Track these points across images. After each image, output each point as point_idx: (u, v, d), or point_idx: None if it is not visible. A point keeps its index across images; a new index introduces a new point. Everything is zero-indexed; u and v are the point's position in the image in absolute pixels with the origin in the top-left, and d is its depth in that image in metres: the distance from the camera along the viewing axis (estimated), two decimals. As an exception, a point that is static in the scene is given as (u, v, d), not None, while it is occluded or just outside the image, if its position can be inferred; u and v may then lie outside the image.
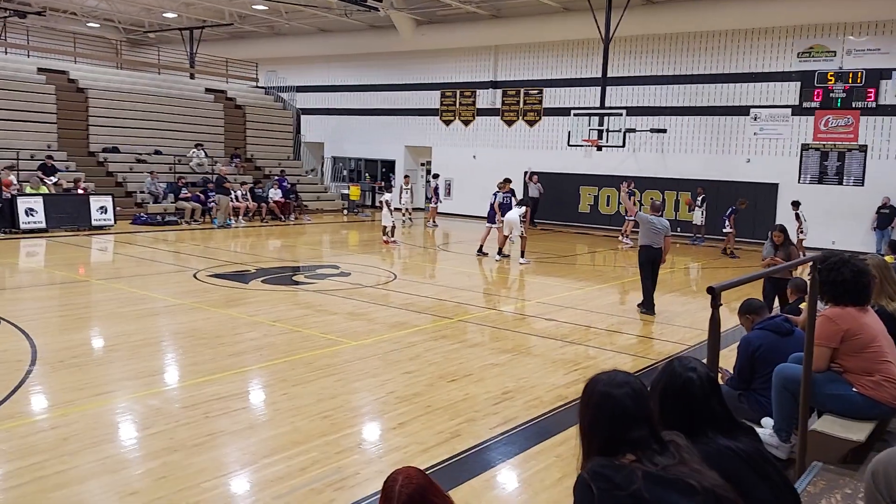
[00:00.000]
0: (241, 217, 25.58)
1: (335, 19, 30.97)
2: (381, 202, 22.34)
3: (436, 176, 28.69)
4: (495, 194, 19.47)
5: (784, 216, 23.58)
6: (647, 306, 12.60)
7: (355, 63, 35.05)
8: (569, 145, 25.84)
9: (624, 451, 2.66)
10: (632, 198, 20.89)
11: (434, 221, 27.46)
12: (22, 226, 20.48)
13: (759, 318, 6.53)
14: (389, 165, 34.75)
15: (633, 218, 21.39)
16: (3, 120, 24.41)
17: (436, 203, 28.17)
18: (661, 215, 12.82)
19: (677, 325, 11.91)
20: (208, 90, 32.37)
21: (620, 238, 23.84)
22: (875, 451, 5.27)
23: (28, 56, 30.35)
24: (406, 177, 29.14)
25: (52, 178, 22.62)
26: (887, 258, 10.65)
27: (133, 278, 14.71)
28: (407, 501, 2.80)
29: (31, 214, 20.76)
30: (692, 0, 24.47)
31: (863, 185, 22.90)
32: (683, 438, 2.84)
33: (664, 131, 25.73)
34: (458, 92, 31.86)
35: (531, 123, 29.85)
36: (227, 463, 5.97)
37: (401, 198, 27.29)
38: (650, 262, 12.50)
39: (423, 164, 34.19)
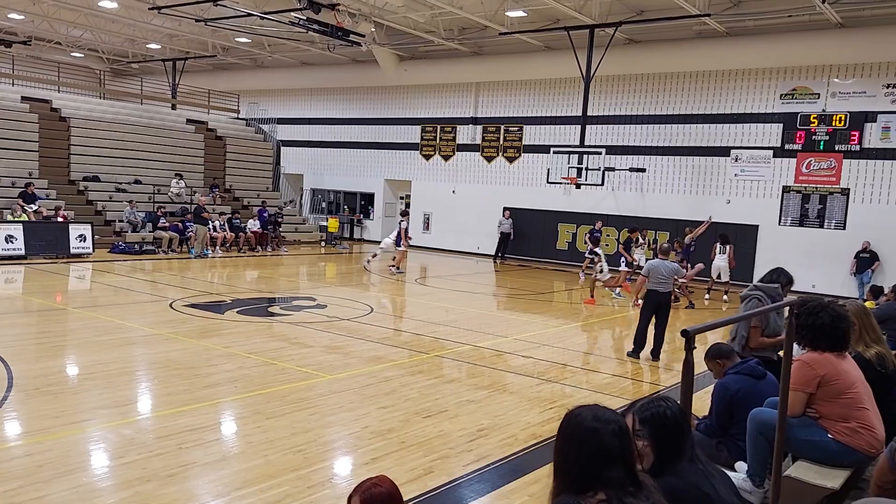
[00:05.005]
0: (218, 247, 25.56)
1: (318, 53, 31.21)
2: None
3: (405, 213, 24.77)
4: None
5: (763, 257, 23.86)
6: (636, 352, 12.23)
7: (337, 96, 35.32)
8: (548, 182, 26.00)
9: (596, 490, 2.60)
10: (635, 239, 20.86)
11: (398, 267, 23.09)
12: (1, 252, 20.44)
13: (731, 362, 6.42)
14: (369, 198, 34.91)
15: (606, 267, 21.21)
16: (-14, 146, 24.46)
17: (403, 246, 22.99)
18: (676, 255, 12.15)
19: (653, 365, 11.98)
20: (189, 121, 32.50)
21: (599, 276, 21.08)
22: (850, 499, 5.30)
23: (12, 84, 30.37)
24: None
25: (32, 205, 22.59)
26: (867, 304, 10.76)
27: (110, 307, 14.69)
28: (369, 499, 3.16)
29: (11, 241, 20.70)
30: (674, 40, 24.62)
31: (844, 229, 22.74)
32: (651, 480, 2.82)
33: (643, 170, 25.77)
34: (438, 127, 32.08)
35: (511, 160, 30.05)
36: (200, 494, 6.00)
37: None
38: (655, 307, 12.04)
39: (402, 198, 34.32)
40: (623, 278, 20.69)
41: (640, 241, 21.98)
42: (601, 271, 19.12)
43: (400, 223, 22.97)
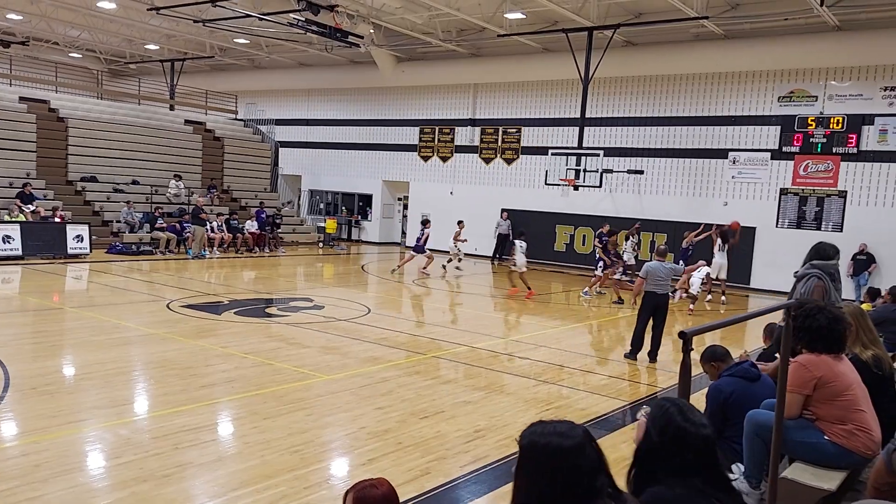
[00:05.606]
0: (215, 248, 25.53)
1: (316, 54, 31.21)
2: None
3: (425, 223, 24.05)
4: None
5: (761, 259, 23.92)
6: (633, 353, 12.25)
7: (335, 97, 35.32)
8: (546, 184, 26.02)
9: (586, 503, 2.54)
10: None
11: (399, 267, 23.65)
12: (-1, 253, 20.43)
13: (725, 364, 6.47)
14: (367, 199, 34.90)
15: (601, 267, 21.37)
16: (-16, 147, 24.43)
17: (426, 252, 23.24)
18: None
19: (650, 367, 11.98)
20: (187, 121, 32.48)
21: (513, 268, 20.09)
22: (846, 501, 5.30)
23: (10, 85, 30.32)
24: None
25: (29, 205, 22.56)
26: (864, 305, 10.77)
27: (106, 307, 14.67)
28: (362, 498, 3.13)
29: (8, 242, 20.67)
30: (672, 43, 24.66)
31: (841, 231, 22.71)
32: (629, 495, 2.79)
33: (641, 173, 25.78)
34: (436, 128, 32.08)
35: (509, 161, 30.05)
36: (196, 495, 5.99)
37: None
38: (652, 309, 12.05)
39: (399, 199, 34.34)
40: (604, 279, 20.83)
41: (634, 238, 22.21)
42: (515, 264, 19.32)
43: (423, 229, 23.28)
